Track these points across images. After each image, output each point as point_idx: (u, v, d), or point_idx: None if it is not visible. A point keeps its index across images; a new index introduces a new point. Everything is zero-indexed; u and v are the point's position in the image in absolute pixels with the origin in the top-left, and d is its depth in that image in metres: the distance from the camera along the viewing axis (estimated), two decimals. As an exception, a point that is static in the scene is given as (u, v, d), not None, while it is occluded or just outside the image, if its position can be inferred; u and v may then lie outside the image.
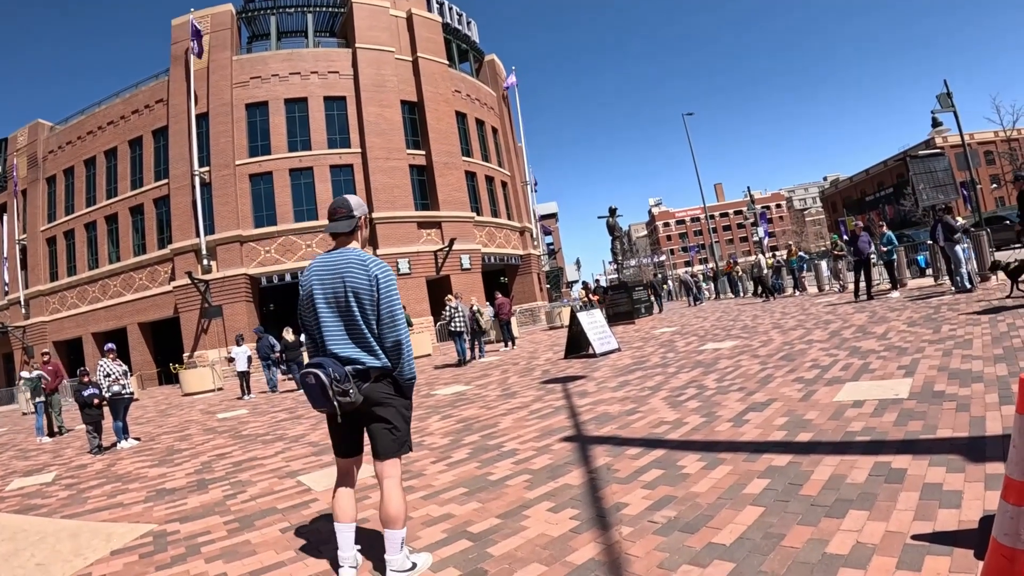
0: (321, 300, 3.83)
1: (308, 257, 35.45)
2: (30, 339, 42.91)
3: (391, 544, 3.73)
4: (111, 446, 12.21)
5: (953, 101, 25.87)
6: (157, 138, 38.98)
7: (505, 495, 5.08)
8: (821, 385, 7.28)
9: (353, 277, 3.74)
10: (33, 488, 8.93)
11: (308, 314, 3.94)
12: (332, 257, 3.87)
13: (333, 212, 3.93)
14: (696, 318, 22.89)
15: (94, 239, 41.35)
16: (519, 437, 7.22)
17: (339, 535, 3.87)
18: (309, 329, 3.97)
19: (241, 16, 40.22)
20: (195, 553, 4.77)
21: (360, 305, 3.74)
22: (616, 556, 3.56)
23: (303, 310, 3.98)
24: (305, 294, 3.91)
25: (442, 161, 39.96)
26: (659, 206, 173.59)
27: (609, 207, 30.05)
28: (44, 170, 44.50)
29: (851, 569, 2.94)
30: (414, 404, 6.15)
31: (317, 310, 3.84)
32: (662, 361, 12.20)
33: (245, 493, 6.53)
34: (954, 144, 64.28)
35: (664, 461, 5.32)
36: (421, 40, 41.28)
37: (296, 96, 37.73)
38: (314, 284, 3.85)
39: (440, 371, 18.00)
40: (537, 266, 50.17)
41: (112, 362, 12.98)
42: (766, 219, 49.40)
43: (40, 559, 5.18)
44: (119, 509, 6.67)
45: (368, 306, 3.75)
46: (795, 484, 4.21)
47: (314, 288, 3.85)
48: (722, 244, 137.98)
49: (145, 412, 17.62)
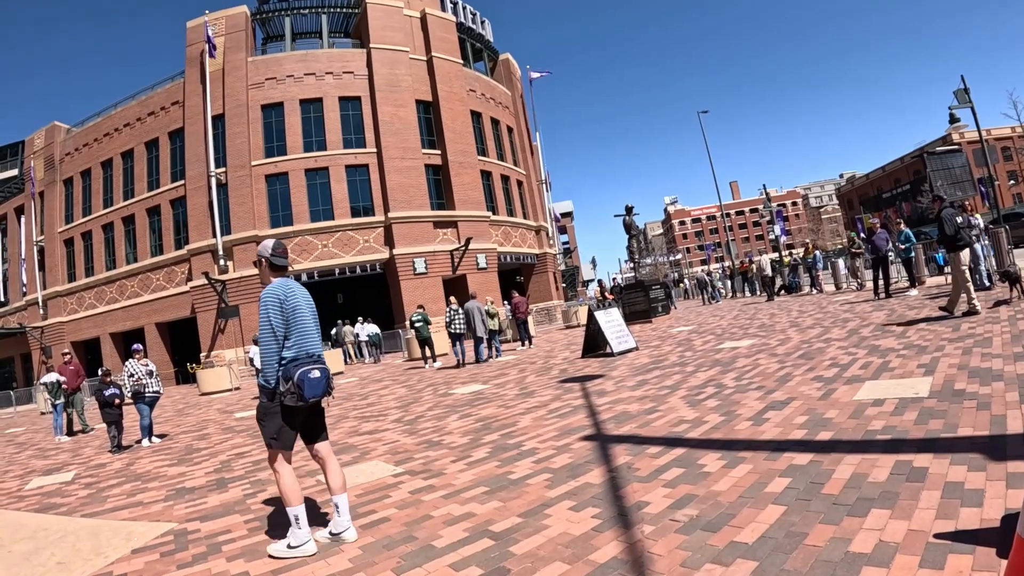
0: (308, 312, 4.83)
1: (324, 257, 35.66)
2: (48, 339, 43.30)
3: (345, 507, 4.66)
4: (131, 445, 12.30)
5: (970, 96, 25.67)
6: (173, 139, 39.22)
7: (526, 494, 5.09)
8: (840, 384, 7.25)
9: (311, 303, 4.93)
10: (53, 487, 9.01)
11: (301, 319, 4.76)
12: (296, 284, 4.91)
13: (277, 249, 4.98)
14: (713, 317, 22.82)
15: (111, 240, 41.65)
16: (538, 436, 7.23)
17: (300, 515, 4.51)
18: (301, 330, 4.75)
19: (256, 18, 40.37)
20: (216, 552, 4.81)
21: (316, 322, 4.93)
22: (638, 555, 3.57)
23: (289, 315, 4.70)
24: (292, 305, 4.71)
25: (457, 160, 39.96)
26: (675, 204, 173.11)
27: (626, 205, 29.95)
28: (61, 172, 44.87)
29: (874, 568, 2.93)
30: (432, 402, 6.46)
31: (305, 319, 4.77)
32: (680, 360, 12.17)
33: (265, 492, 6.57)
34: (971, 140, 63.76)
35: (684, 460, 5.32)
36: (435, 39, 41.29)
37: (311, 96, 37.85)
38: (301, 299, 4.80)
39: (455, 371, 17.99)
40: (553, 265, 50.12)
41: (137, 362, 13.08)
42: (782, 217, 49.14)
43: (60, 558, 5.21)
44: (139, 508, 6.72)
45: None
46: (816, 483, 4.20)
47: (302, 303, 4.80)
48: (738, 242, 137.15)
49: (163, 412, 17.71)
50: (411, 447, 7.81)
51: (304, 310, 4.77)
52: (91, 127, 43.99)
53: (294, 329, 4.67)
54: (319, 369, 4.57)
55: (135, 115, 41.28)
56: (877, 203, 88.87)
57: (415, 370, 20.65)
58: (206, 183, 36.00)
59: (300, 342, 4.68)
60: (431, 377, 17.17)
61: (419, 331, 21.03)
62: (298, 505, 4.49)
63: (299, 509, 4.48)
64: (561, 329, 33.05)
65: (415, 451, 7.51)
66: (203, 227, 36.07)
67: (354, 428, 10.21)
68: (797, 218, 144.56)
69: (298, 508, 4.48)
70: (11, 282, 49.84)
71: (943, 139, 73.90)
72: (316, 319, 4.93)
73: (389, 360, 29.52)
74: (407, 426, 9.55)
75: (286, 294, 4.70)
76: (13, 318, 48.13)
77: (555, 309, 45.45)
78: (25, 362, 48.72)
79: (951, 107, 26.53)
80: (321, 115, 37.78)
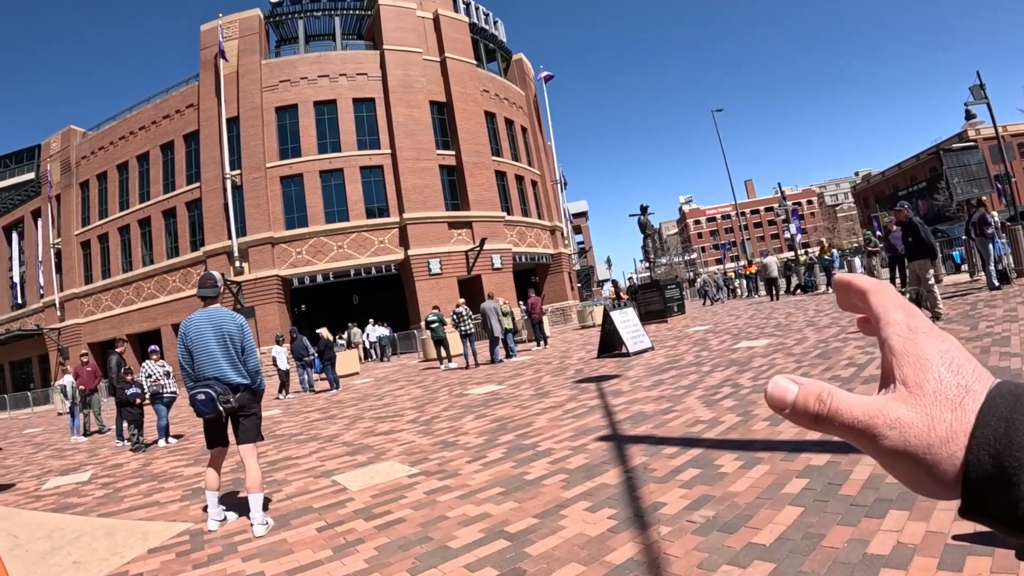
0: (212, 339, 5.68)
1: (339, 258, 35.75)
2: (65, 341, 43.60)
3: (255, 505, 5.35)
4: (150, 444, 12.39)
5: (986, 92, 25.50)
6: (188, 142, 39.48)
7: (542, 494, 5.08)
8: (858, 383, 7.20)
9: (228, 326, 5.74)
10: (70, 487, 9.07)
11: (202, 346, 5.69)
12: (208, 313, 5.82)
13: (203, 282, 5.92)
14: (729, 316, 22.73)
15: (127, 242, 41.95)
16: (554, 436, 7.22)
17: (209, 497, 5.67)
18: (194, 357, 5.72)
19: (269, 20, 40.57)
20: (232, 552, 4.84)
21: (233, 343, 5.74)
22: (655, 556, 3.56)
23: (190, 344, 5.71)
24: (193, 334, 5.71)
25: (472, 161, 40.01)
26: (690, 203, 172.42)
27: (640, 205, 29.83)
28: (77, 175, 45.20)
29: (892, 569, 2.92)
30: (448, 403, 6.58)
31: (208, 345, 5.67)
32: (696, 360, 12.13)
33: (281, 492, 6.59)
34: (987, 137, 63.17)
35: (701, 460, 5.30)
36: (448, 40, 41.37)
37: (325, 98, 38.04)
38: (204, 327, 5.71)
39: (470, 372, 18.02)
40: (568, 265, 50.04)
41: (155, 363, 13.19)
42: (797, 216, 48.87)
43: (77, 557, 5.26)
44: (155, 508, 6.76)
45: (237, 343, 5.77)
46: (834, 484, 4.18)
47: (205, 331, 5.70)
48: (753, 241, 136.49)
49: (180, 412, 17.76)
50: (427, 447, 7.81)
51: (206, 337, 5.71)
52: (107, 130, 44.30)
53: (196, 355, 5.70)
54: (203, 392, 5.51)
55: (150, 118, 41.57)
56: (893, 201, 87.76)
57: (431, 370, 20.67)
58: (221, 185, 36.19)
59: (199, 366, 5.68)
60: (446, 377, 17.18)
61: (434, 331, 21.03)
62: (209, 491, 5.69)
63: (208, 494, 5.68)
64: (576, 329, 33.02)
65: (431, 451, 7.52)
66: (218, 229, 36.28)
67: (370, 428, 10.23)
68: (813, 216, 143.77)
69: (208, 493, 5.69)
70: (28, 284, 50.18)
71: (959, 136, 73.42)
72: (221, 343, 5.72)
73: (405, 360, 29.58)
74: (423, 426, 9.56)
75: (187, 328, 5.78)
76: (31, 320, 48.47)
77: (570, 309, 45.43)
78: (43, 363, 49.03)
79: (967, 103, 26.38)
80: (335, 117, 37.93)
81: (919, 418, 0.49)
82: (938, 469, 0.48)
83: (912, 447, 0.49)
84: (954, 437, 0.48)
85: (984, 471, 0.45)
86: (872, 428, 0.50)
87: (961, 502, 0.48)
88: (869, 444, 0.51)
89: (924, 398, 0.50)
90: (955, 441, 0.48)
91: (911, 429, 0.49)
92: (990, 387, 0.50)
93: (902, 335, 0.53)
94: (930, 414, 0.49)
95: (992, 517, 0.46)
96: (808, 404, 0.53)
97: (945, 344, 0.52)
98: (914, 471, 0.49)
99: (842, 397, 0.52)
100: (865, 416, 0.51)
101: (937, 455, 0.48)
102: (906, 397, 0.50)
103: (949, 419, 0.48)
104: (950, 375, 0.50)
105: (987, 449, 0.45)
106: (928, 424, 0.49)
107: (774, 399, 0.54)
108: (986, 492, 0.45)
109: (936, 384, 0.50)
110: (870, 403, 0.52)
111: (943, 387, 0.50)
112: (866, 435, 0.51)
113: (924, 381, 0.50)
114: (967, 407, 0.49)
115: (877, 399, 0.52)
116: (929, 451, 0.48)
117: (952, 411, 0.49)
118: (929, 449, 0.48)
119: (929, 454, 0.48)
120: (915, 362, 0.51)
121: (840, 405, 0.52)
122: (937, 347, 0.52)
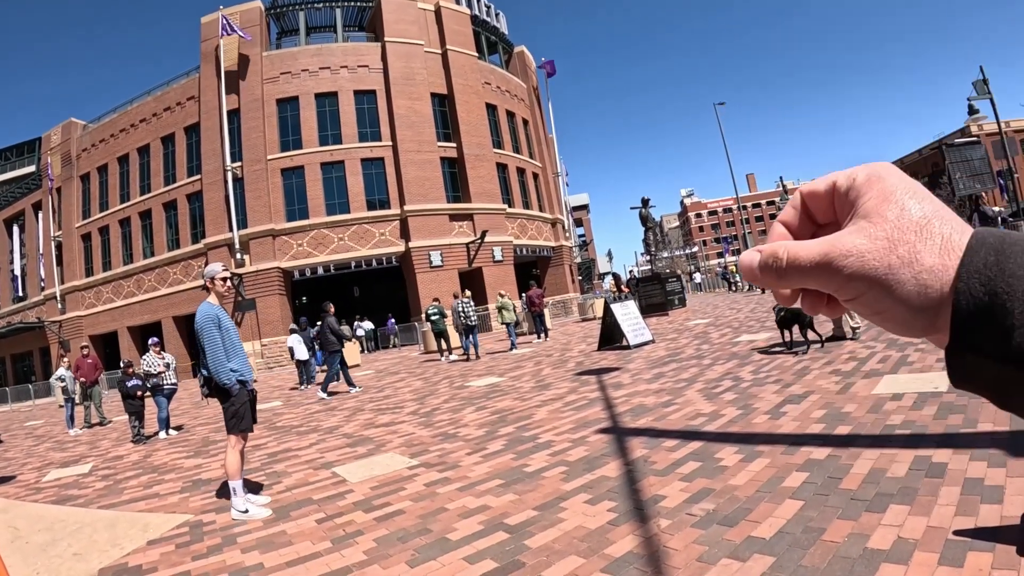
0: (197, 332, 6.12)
1: (340, 250, 35.69)
2: (66, 333, 43.56)
3: (231, 491, 5.65)
4: (153, 435, 12.41)
5: (989, 87, 25.43)
6: (189, 134, 39.33)
7: (541, 487, 5.08)
8: (859, 378, 7.20)
9: (196, 322, 6.17)
10: (70, 479, 9.09)
11: None
12: (200, 305, 6.33)
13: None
14: (730, 310, 22.74)
15: (128, 235, 41.86)
16: (554, 429, 7.22)
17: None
18: None
19: (270, 12, 40.41)
20: (231, 543, 4.84)
21: (199, 339, 6.11)
22: (655, 549, 3.55)
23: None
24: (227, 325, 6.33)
25: (473, 153, 39.87)
26: (691, 197, 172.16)
27: (642, 198, 29.83)
28: (78, 168, 45.10)
29: (893, 564, 2.91)
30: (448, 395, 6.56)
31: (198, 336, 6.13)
32: (697, 353, 12.14)
33: (281, 484, 6.60)
34: (990, 132, 63.08)
35: (701, 453, 5.30)
36: (450, 32, 41.20)
37: (326, 91, 37.87)
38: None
39: (471, 364, 18.02)
40: (569, 258, 49.97)
41: (155, 355, 13.21)
42: (799, 209, 48.68)
43: (77, 549, 5.26)
44: (155, 499, 6.78)
45: (199, 340, 6.12)
46: (835, 478, 4.17)
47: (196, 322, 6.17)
48: (755, 234, 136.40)
49: (180, 404, 17.80)
50: (427, 439, 7.81)
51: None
52: (107, 123, 44.18)
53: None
54: (200, 377, 6.31)
55: (151, 111, 41.43)
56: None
57: (431, 363, 20.68)
58: (222, 177, 36.08)
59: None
60: (447, 370, 17.18)
61: (435, 324, 21.03)
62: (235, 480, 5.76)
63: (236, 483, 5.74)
64: (577, 322, 33.01)
65: (431, 443, 7.52)
66: (219, 221, 36.20)
67: (370, 420, 10.23)
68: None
69: (235, 482, 5.74)
70: (29, 277, 50.18)
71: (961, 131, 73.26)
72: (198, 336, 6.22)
73: (406, 353, 29.56)
74: (423, 418, 9.56)
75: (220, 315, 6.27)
76: (31, 312, 48.46)
77: (571, 302, 45.38)
78: (44, 356, 49.03)
79: (970, 98, 26.31)
80: (336, 109, 37.80)
81: (878, 242, 0.48)
82: (903, 290, 0.47)
83: (871, 268, 0.48)
84: (918, 257, 0.47)
85: (975, 300, 0.44)
86: (831, 259, 0.50)
87: (950, 338, 0.46)
88: (834, 279, 0.51)
89: (884, 224, 0.49)
90: (919, 262, 0.47)
91: (870, 252, 0.48)
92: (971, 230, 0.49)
93: (869, 174, 0.53)
94: (890, 237, 0.48)
95: (984, 353, 0.45)
96: (768, 260, 0.54)
97: (917, 187, 0.51)
98: (882, 300, 0.49)
99: (799, 244, 0.53)
100: (821, 251, 0.51)
101: (900, 276, 0.47)
102: (864, 227, 0.50)
103: (912, 239, 0.48)
104: (915, 203, 0.50)
105: (978, 277, 0.45)
106: (887, 246, 0.48)
107: (743, 267, 0.56)
108: (977, 323, 0.45)
109: (899, 211, 0.49)
110: (827, 239, 0.52)
111: (906, 213, 0.49)
112: (828, 269, 0.50)
113: (886, 210, 0.50)
114: (934, 229, 0.48)
115: (835, 234, 0.52)
116: (890, 271, 0.48)
117: (916, 232, 0.48)
118: (890, 269, 0.48)
119: (891, 273, 0.48)
120: (878, 194, 0.51)
121: (799, 250, 0.52)
122: (907, 185, 0.51)
